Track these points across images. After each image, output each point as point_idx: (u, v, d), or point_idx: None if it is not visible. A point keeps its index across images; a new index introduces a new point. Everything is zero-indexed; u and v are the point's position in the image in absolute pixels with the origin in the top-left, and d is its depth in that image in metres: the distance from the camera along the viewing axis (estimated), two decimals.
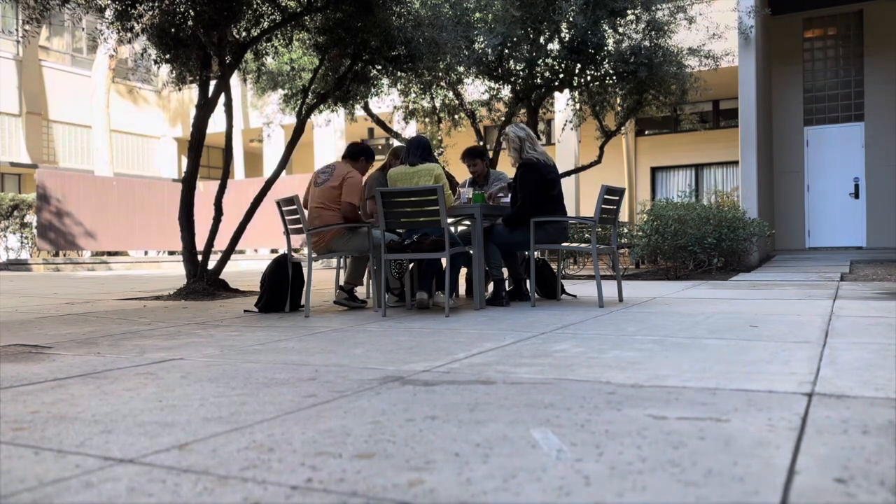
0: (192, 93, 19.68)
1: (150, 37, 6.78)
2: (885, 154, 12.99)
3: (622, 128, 10.81)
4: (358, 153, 5.35)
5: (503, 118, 10.29)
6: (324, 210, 5.10)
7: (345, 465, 1.46)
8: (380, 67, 7.43)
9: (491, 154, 10.40)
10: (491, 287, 5.36)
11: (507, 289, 5.41)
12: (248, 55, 7.57)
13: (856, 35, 13.27)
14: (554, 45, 9.10)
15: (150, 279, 11.10)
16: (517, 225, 5.08)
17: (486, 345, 3.14)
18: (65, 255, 17.40)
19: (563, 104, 11.80)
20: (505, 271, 5.30)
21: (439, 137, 11.35)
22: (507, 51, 8.94)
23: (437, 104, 10.81)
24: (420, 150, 5.04)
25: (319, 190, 5.16)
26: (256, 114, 17.92)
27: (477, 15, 8.89)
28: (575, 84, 9.55)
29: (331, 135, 18.40)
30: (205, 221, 7.91)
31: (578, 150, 14.21)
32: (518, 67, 9.35)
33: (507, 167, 6.21)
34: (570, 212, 12.97)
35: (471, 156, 5.84)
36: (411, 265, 5.31)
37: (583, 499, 1.25)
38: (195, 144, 6.90)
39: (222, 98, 6.98)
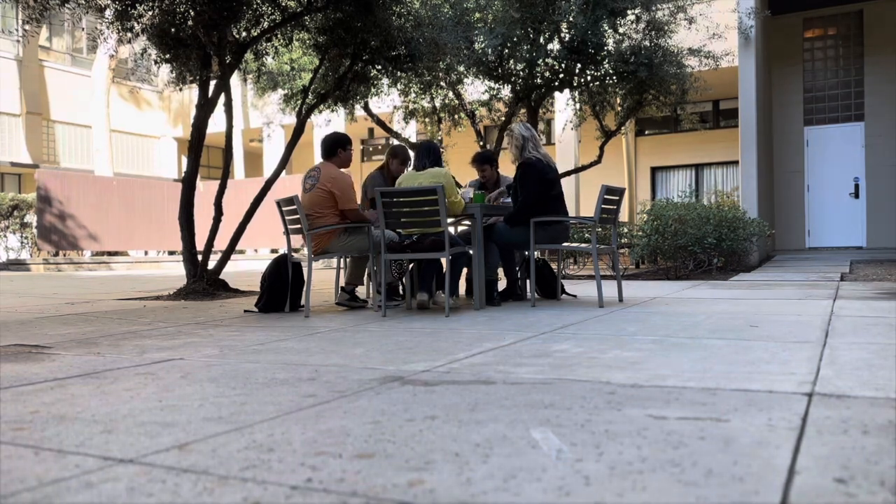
0: (192, 93, 19.67)
1: (150, 37, 6.78)
2: (885, 154, 12.99)
3: (622, 128, 10.80)
4: (333, 147, 5.19)
5: (503, 118, 10.29)
6: (317, 218, 5.00)
7: (345, 465, 1.46)
8: (380, 67, 7.42)
9: None
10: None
11: (500, 289, 5.41)
12: (248, 55, 7.57)
13: (856, 35, 13.26)
14: (554, 45, 9.10)
15: (151, 279, 11.10)
16: (518, 223, 5.09)
17: (486, 345, 3.14)
18: (65, 256, 17.39)
19: (563, 104, 11.80)
20: (500, 271, 5.30)
21: (439, 137, 11.35)
22: (507, 51, 8.94)
23: (437, 104, 10.80)
24: (430, 155, 5.06)
25: (308, 196, 5.05)
26: (256, 114, 17.91)
27: (477, 15, 8.89)
28: (575, 84, 9.55)
29: None
30: (205, 221, 7.91)
31: (578, 150, 14.21)
32: (518, 67, 9.35)
33: (506, 166, 6.21)
34: (571, 212, 12.94)
35: (480, 161, 5.89)
36: (411, 265, 5.31)
37: (583, 499, 1.25)
38: (195, 144, 6.90)
39: (222, 98, 6.98)
